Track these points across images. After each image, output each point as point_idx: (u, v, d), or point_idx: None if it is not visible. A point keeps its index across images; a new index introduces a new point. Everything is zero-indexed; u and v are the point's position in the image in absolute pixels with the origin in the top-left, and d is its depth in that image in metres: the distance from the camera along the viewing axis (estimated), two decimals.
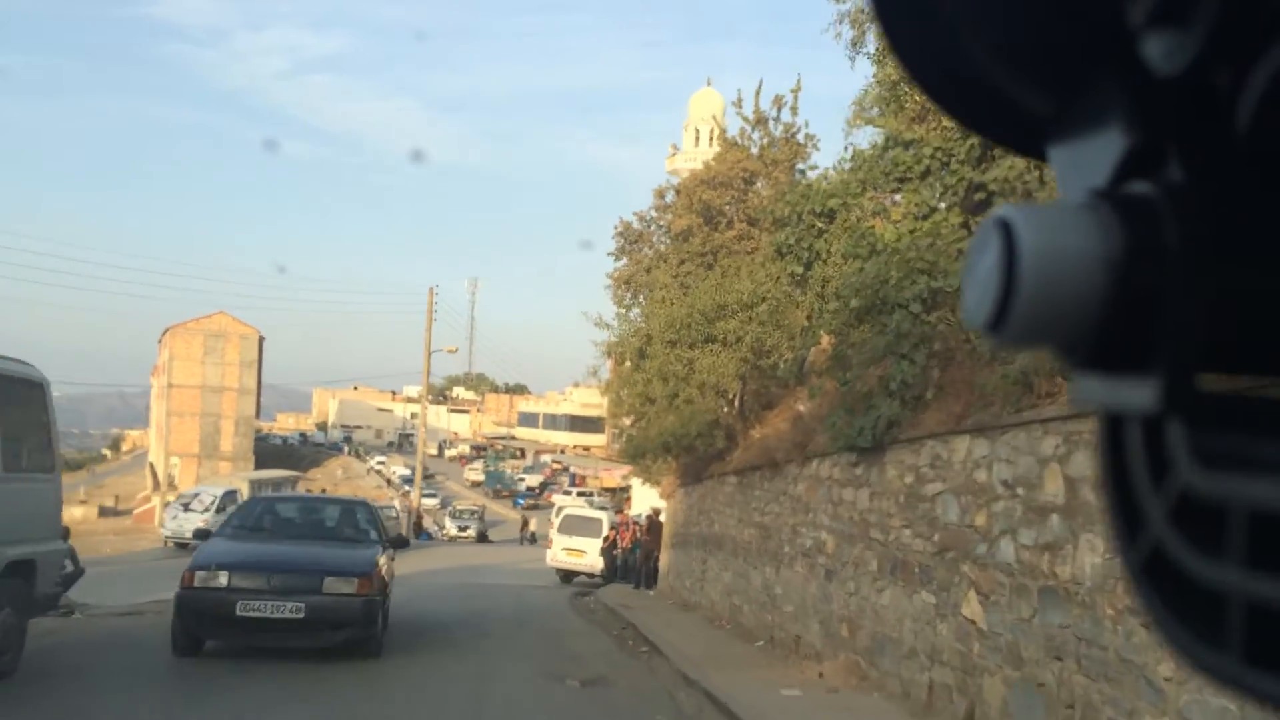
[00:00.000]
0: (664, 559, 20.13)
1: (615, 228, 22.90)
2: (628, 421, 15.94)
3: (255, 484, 30.92)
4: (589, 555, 23.47)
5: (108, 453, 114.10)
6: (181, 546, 24.57)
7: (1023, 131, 0.46)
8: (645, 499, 36.28)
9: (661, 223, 22.46)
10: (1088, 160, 0.41)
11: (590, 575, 23.45)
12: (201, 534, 11.49)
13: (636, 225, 22.91)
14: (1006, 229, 0.39)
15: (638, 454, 15.77)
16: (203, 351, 60.37)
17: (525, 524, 43.32)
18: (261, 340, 62.91)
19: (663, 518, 20.88)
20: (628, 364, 15.59)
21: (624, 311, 16.19)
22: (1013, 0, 0.42)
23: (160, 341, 63.20)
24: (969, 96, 0.45)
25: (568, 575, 23.75)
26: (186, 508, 28.29)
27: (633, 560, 22.51)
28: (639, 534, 21.60)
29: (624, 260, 22.22)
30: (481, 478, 68.51)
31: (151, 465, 62.46)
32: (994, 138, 0.49)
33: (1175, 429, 0.39)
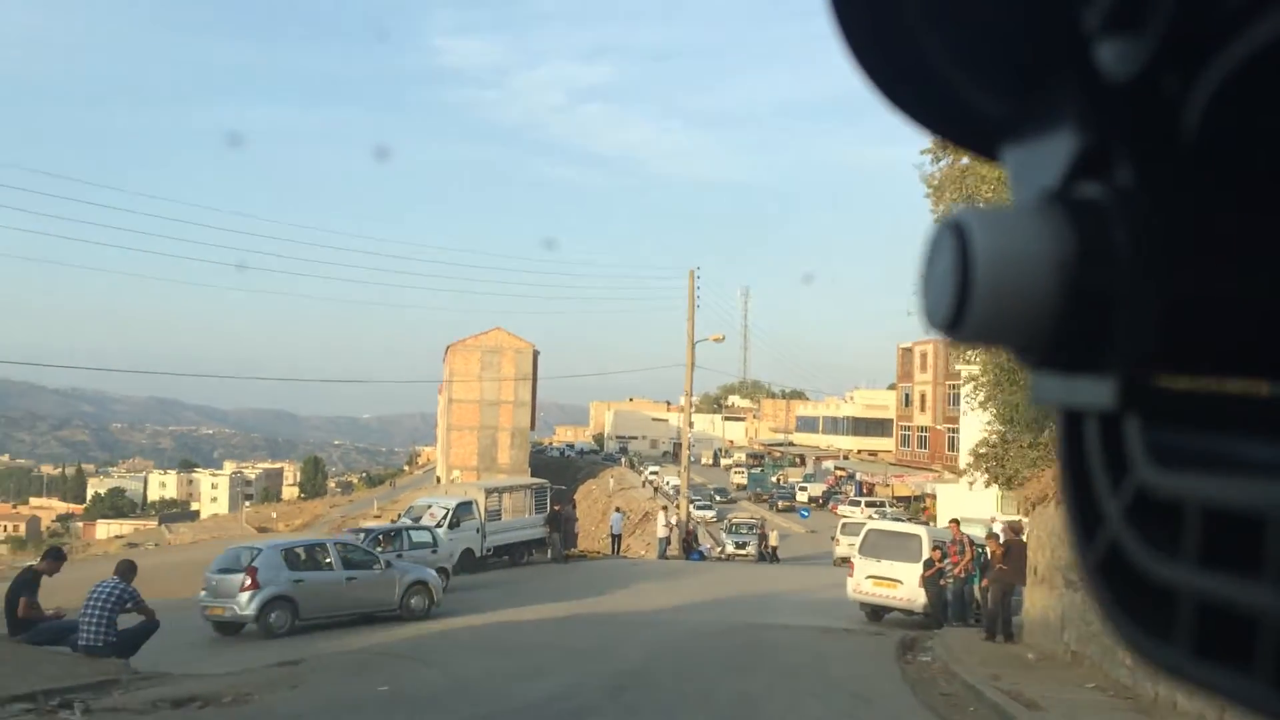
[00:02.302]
0: (1034, 600, 13.14)
1: None
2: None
3: (492, 492, 26.55)
4: (905, 586, 16.97)
5: (406, 468, 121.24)
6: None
7: (977, 133, 0.46)
8: (954, 507, 28.67)
9: None
10: (1040, 162, 0.41)
11: (907, 612, 16.95)
12: None
13: None
14: (960, 232, 0.39)
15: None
16: (480, 367, 62.16)
17: (764, 537, 33.04)
18: (536, 354, 64.63)
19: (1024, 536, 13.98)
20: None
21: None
22: (970, 4, 0.42)
23: (444, 359, 64.93)
24: (925, 98, 0.45)
25: (876, 611, 17.41)
26: (417, 523, 23.88)
27: (968, 593, 15.86)
28: (989, 559, 14.69)
29: (946, 159, 15.24)
30: (745, 480, 63.61)
31: (438, 479, 64.20)
32: (949, 138, 0.48)
33: (1132, 427, 0.39)
